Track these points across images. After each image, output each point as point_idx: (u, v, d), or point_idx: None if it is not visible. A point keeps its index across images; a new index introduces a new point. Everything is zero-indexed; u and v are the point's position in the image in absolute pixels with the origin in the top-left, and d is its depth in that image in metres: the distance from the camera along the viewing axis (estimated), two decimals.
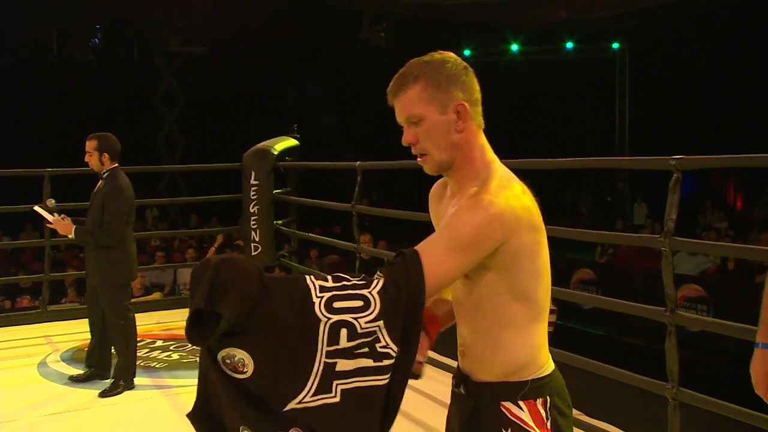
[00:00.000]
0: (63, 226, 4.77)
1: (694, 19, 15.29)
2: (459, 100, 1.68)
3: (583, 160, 4.32)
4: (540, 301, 1.72)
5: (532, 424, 1.69)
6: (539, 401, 1.70)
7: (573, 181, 18.01)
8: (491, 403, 1.72)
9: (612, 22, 16.99)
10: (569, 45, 17.56)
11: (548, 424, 1.70)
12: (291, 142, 7.47)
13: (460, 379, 1.79)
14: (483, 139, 1.76)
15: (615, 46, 17.95)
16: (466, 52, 17.57)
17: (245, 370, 1.48)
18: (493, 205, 1.60)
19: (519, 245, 1.64)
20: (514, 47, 17.67)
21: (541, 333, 1.74)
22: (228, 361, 1.49)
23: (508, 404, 1.70)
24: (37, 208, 5.00)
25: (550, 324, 4.91)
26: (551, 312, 4.96)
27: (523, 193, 1.69)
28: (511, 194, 1.65)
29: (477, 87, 1.72)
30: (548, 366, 1.73)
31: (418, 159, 1.74)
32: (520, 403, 1.70)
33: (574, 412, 4.01)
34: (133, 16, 14.82)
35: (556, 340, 5.14)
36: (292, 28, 15.23)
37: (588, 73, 17.95)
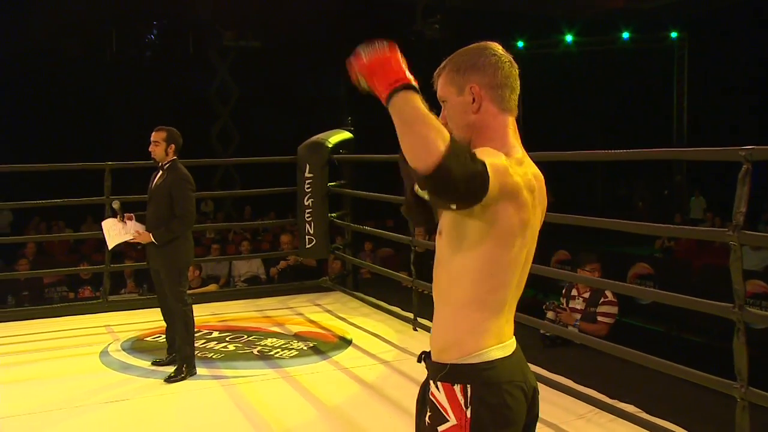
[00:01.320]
0: (141, 237, 4.90)
1: (754, 6, 14.82)
2: (473, 83, 1.78)
3: (646, 151, 4.22)
4: (489, 288, 1.72)
5: (447, 407, 1.71)
6: (458, 387, 1.71)
7: (627, 174, 17.69)
8: (427, 378, 1.81)
9: (670, 11, 16.53)
10: (625, 35, 17.16)
11: (468, 413, 1.69)
12: (345, 134, 7.48)
13: (423, 353, 1.86)
14: (506, 124, 1.82)
15: (673, 35, 17.49)
16: (520, 44, 17.37)
17: None
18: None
19: (494, 216, 1.66)
20: (569, 38, 17.37)
21: (479, 319, 1.73)
22: None
23: (431, 383, 1.77)
24: (106, 226, 5.08)
25: (608, 316, 4.83)
26: (610, 303, 4.87)
27: (524, 176, 1.73)
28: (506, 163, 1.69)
29: (505, 73, 1.81)
30: (483, 354, 1.72)
31: None
32: (438, 384, 1.74)
33: (634, 409, 3.98)
34: (187, 11, 15.02)
35: (615, 335, 5.07)
36: (345, 20, 15.24)
37: (645, 64, 17.56)
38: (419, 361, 1.87)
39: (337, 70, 17.22)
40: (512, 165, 1.69)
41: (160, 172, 4.92)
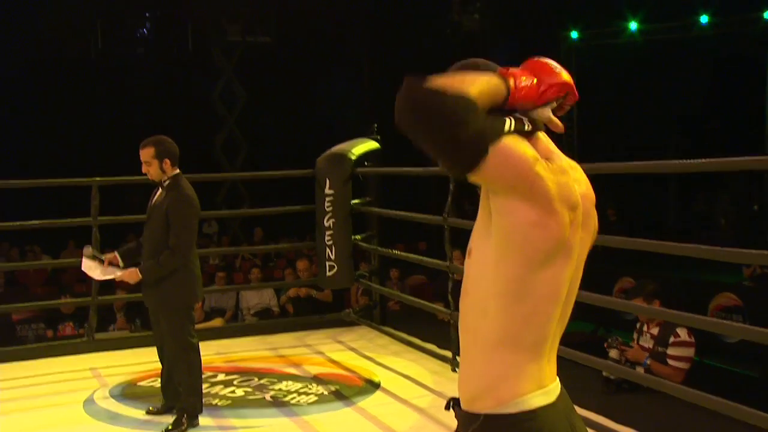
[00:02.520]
0: (128, 275, 4.89)
1: None
2: None
3: (730, 161, 4.16)
4: (521, 319, 1.74)
5: None
6: None
7: (707, 186, 17.52)
8: (456, 430, 1.84)
9: None
10: (704, 19, 16.87)
11: None
12: (371, 144, 7.54)
13: (452, 399, 1.89)
14: (538, 136, 1.85)
15: (766, 16, 17.18)
16: (574, 35, 17.37)
17: None
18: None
19: (513, 223, 1.69)
20: (633, 25, 17.28)
21: (515, 360, 1.74)
22: None
23: None
24: (85, 267, 5.11)
25: (682, 359, 4.80)
26: (684, 344, 4.83)
27: (560, 185, 1.75)
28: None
29: None
30: (521, 402, 1.73)
31: None
32: None
33: None
34: (186, 1, 15.21)
35: (694, 380, 5.02)
36: (370, 11, 15.34)
37: (729, 52, 17.29)
38: (447, 408, 1.89)
39: (361, 69, 17.34)
40: (547, 167, 1.72)
41: (159, 190, 4.92)
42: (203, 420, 4.95)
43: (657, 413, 4.79)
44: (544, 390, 1.76)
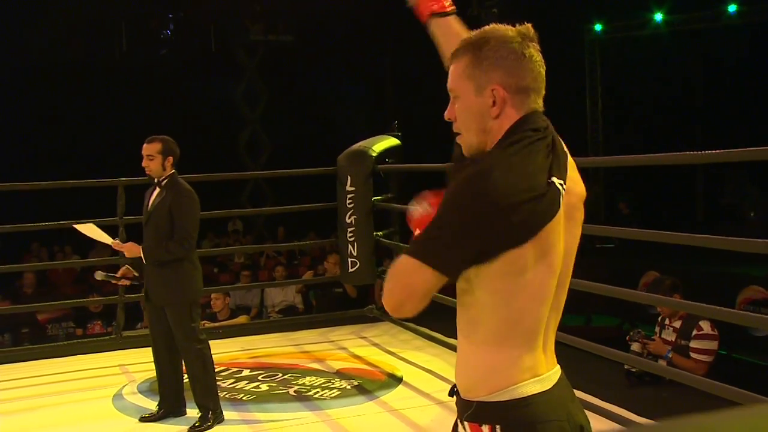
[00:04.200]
0: (128, 248, 5.02)
1: None
2: (495, 84, 1.79)
3: (757, 150, 4.11)
4: (512, 319, 1.78)
5: None
6: (486, 427, 1.78)
7: (735, 178, 17.39)
8: (457, 417, 1.91)
9: None
10: (732, 8, 16.65)
11: None
12: (392, 141, 7.61)
13: (454, 386, 1.95)
14: None
15: None
16: (597, 27, 17.30)
17: None
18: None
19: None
20: (658, 17, 17.14)
21: (508, 352, 1.78)
22: None
23: (459, 423, 1.88)
24: (80, 227, 5.24)
25: (705, 353, 4.82)
26: (708, 337, 4.85)
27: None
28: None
29: (534, 74, 1.81)
30: (514, 390, 1.77)
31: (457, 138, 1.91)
32: (465, 423, 1.83)
33: None
34: (208, 2, 15.31)
35: (719, 373, 5.03)
36: (390, 9, 15.39)
37: (761, 43, 17.04)
38: (450, 395, 1.95)
39: (383, 67, 17.38)
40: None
41: (157, 189, 4.99)
42: (228, 414, 5.05)
43: (679, 405, 4.81)
44: (539, 378, 1.79)
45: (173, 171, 5.00)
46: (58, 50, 14.57)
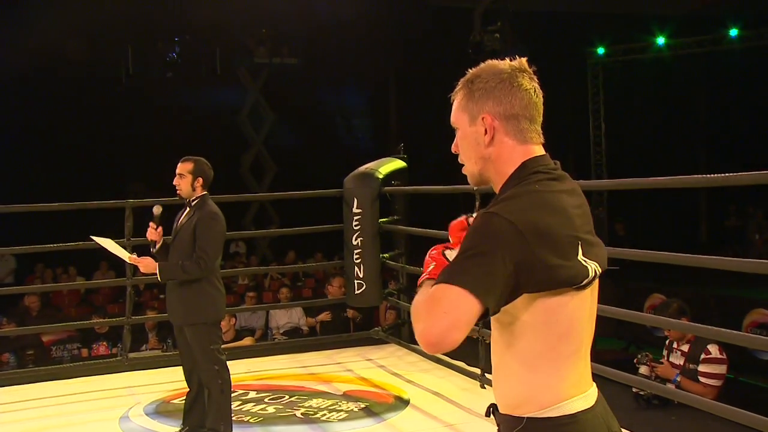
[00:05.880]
0: (145, 264, 4.98)
1: None
2: (485, 113, 1.88)
3: (761, 174, 4.11)
4: (556, 336, 1.81)
5: None
6: None
7: (739, 201, 17.40)
8: None
9: None
10: (733, 32, 16.73)
11: None
12: (398, 163, 7.63)
13: (491, 405, 1.97)
14: (527, 153, 1.90)
15: None
16: (600, 51, 17.38)
17: None
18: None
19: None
20: (660, 40, 17.22)
21: (554, 368, 1.82)
22: None
23: None
24: (98, 239, 5.23)
25: (713, 377, 4.81)
26: (716, 361, 4.84)
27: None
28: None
29: (524, 102, 1.88)
30: (563, 407, 1.81)
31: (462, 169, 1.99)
32: None
33: None
34: (214, 25, 15.40)
35: (727, 397, 5.02)
36: (392, 33, 15.45)
37: (762, 67, 17.10)
38: (488, 415, 1.98)
39: (388, 91, 17.45)
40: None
41: (187, 209, 5.02)
42: None
43: (688, 429, 4.79)
44: (584, 395, 1.85)
45: (204, 193, 5.00)
46: (65, 72, 14.61)
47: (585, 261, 1.81)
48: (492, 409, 1.96)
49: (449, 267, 1.75)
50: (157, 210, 5.06)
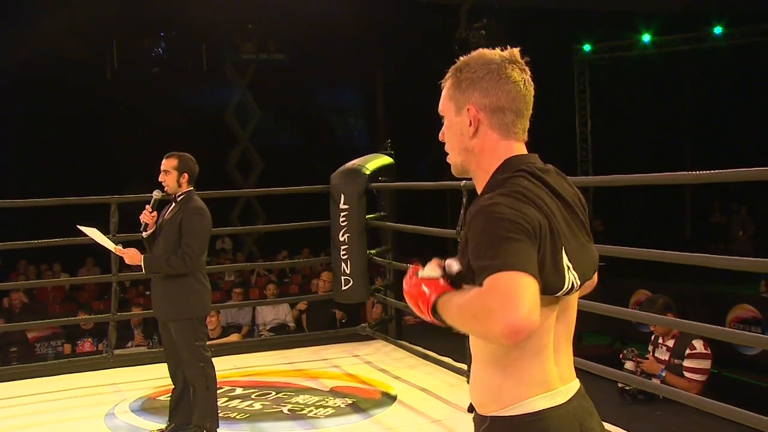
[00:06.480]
0: (130, 255, 4.97)
1: None
2: (470, 104, 1.85)
3: (746, 171, 4.09)
4: (518, 347, 1.76)
5: None
6: None
7: (724, 197, 17.51)
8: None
9: None
10: (718, 30, 16.82)
11: None
12: (384, 159, 7.62)
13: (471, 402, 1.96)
14: (510, 150, 1.86)
15: None
16: (586, 48, 17.45)
17: None
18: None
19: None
20: (646, 38, 17.30)
21: (517, 367, 1.80)
22: None
23: None
24: (84, 229, 5.20)
25: (698, 372, 4.82)
26: (701, 357, 4.86)
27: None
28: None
29: (512, 95, 1.84)
30: (525, 405, 1.79)
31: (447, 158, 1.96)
32: None
33: None
34: (200, 20, 15.35)
35: (712, 392, 5.04)
36: (380, 29, 15.45)
37: (744, 65, 17.22)
38: (469, 411, 1.99)
39: (374, 86, 17.44)
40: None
41: (173, 204, 5.00)
42: None
43: (673, 423, 4.81)
44: (550, 393, 1.81)
45: (190, 188, 4.99)
46: (50, 68, 14.54)
47: (567, 269, 1.77)
48: (472, 407, 1.96)
49: (487, 260, 1.65)
50: (156, 194, 5.07)
